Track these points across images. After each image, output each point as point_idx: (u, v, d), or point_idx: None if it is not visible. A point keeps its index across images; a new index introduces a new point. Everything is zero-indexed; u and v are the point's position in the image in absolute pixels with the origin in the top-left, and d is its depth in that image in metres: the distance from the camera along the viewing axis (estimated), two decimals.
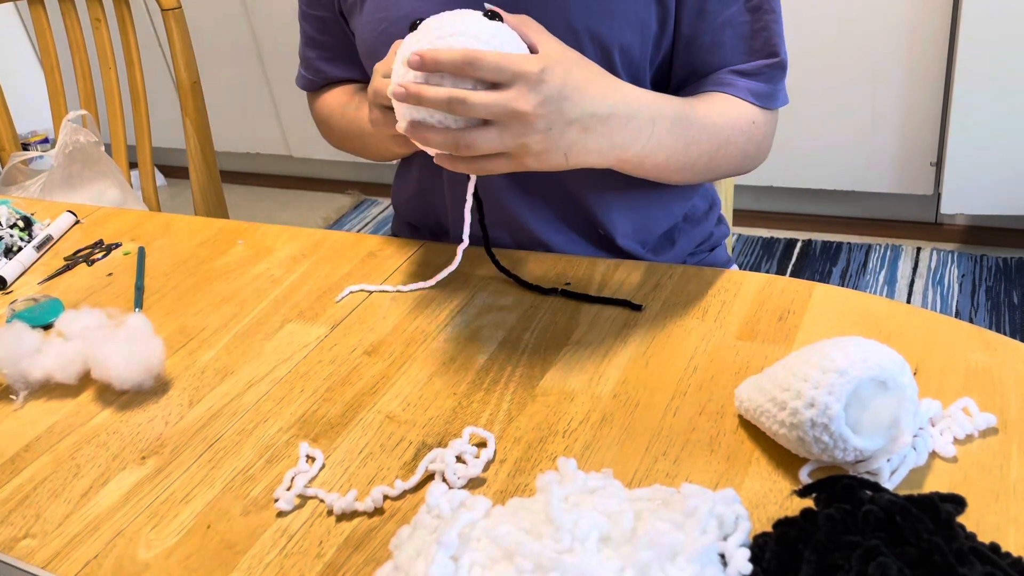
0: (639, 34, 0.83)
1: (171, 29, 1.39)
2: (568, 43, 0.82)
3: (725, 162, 0.86)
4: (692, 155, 0.81)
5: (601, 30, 0.82)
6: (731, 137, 0.84)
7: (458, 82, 0.65)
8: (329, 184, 2.90)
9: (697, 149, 0.81)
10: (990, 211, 2.06)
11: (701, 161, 0.83)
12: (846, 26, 2.00)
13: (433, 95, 0.65)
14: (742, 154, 0.86)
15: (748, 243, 2.30)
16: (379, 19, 0.87)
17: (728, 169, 0.88)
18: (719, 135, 0.83)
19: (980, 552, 0.47)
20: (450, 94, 0.64)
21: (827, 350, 0.57)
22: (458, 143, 0.66)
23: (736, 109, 0.85)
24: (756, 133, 0.86)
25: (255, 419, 0.72)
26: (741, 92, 0.85)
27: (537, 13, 0.81)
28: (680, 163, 0.81)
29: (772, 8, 0.85)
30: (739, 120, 0.84)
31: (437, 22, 0.68)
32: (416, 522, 0.54)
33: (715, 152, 0.83)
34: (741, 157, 0.87)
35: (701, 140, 0.81)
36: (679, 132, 0.78)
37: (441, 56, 0.65)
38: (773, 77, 0.86)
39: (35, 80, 1.79)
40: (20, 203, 1.15)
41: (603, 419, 0.66)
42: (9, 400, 0.78)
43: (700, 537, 0.48)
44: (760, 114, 0.87)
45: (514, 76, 0.65)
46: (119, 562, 0.60)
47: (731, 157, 0.85)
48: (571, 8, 0.81)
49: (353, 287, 0.87)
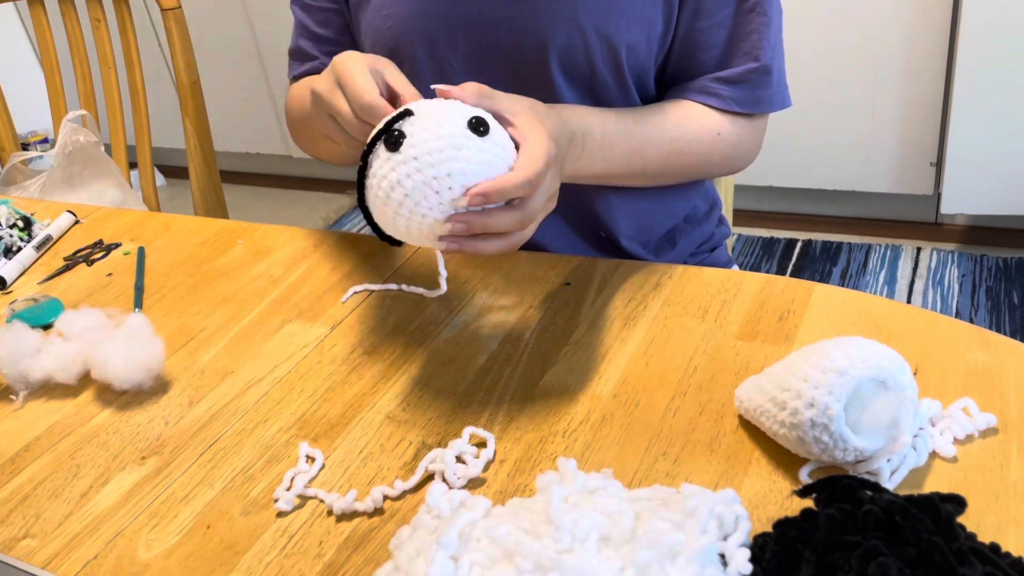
0: (646, 33, 0.83)
1: (171, 29, 1.39)
2: (575, 41, 0.82)
3: (683, 170, 0.88)
4: (634, 167, 0.85)
5: (609, 29, 0.82)
6: (684, 148, 0.86)
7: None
8: (329, 184, 2.90)
9: (641, 162, 0.84)
10: (990, 211, 2.06)
11: (649, 170, 0.86)
12: (846, 26, 2.00)
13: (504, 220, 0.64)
14: (704, 162, 0.88)
15: (748, 243, 2.30)
16: (385, 15, 0.87)
17: (693, 175, 0.91)
18: (670, 147, 0.85)
19: (980, 552, 0.47)
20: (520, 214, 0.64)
21: (827, 350, 0.57)
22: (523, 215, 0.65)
23: (699, 123, 0.86)
24: (722, 144, 0.87)
25: (255, 419, 0.72)
26: (724, 101, 0.86)
27: (545, 12, 0.81)
28: (619, 174, 0.85)
29: (765, 11, 0.84)
30: (700, 132, 0.86)
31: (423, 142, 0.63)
32: (416, 522, 0.54)
33: (665, 162, 0.86)
34: (704, 164, 0.89)
35: (648, 154, 0.84)
36: (619, 151, 0.83)
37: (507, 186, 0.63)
38: (758, 83, 0.86)
39: (35, 80, 1.79)
40: (20, 203, 1.15)
41: (603, 419, 0.66)
42: (9, 400, 0.78)
43: (700, 537, 0.48)
44: (730, 125, 0.87)
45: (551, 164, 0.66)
46: (119, 562, 0.60)
47: (688, 166, 0.88)
48: (579, 7, 0.81)
49: (357, 287, 0.86)
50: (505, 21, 0.83)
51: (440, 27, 0.85)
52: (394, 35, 0.87)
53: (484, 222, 0.63)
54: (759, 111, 0.87)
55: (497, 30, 0.84)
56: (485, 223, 0.63)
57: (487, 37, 0.84)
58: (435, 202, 0.62)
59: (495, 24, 0.84)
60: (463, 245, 0.64)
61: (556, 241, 0.92)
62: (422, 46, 0.86)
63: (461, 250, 0.65)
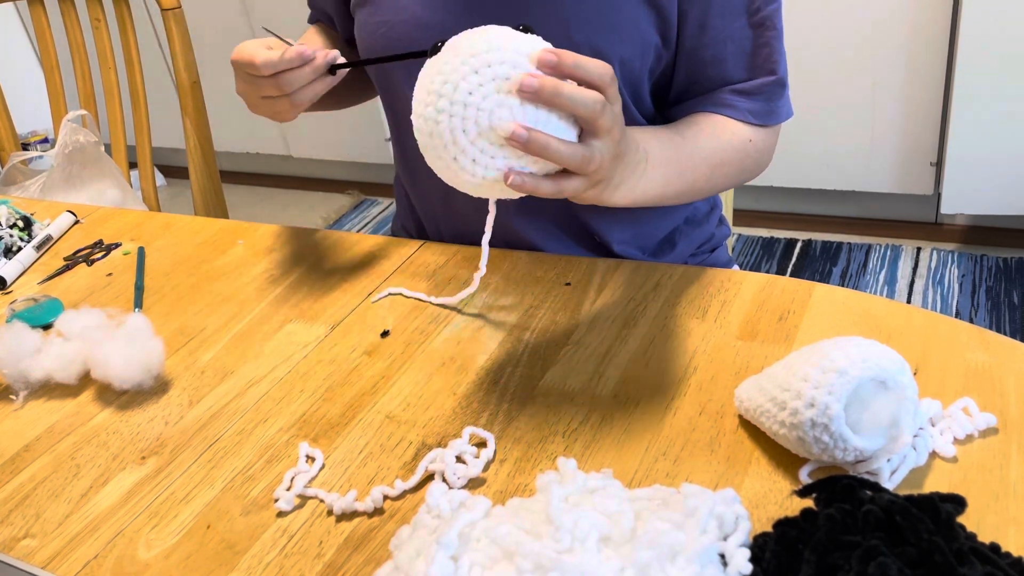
0: (639, 48, 0.83)
1: (171, 29, 1.39)
2: None
3: (723, 181, 0.87)
4: (687, 183, 0.82)
5: (601, 44, 0.82)
6: (725, 158, 0.86)
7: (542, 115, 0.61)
8: (329, 184, 2.90)
9: (692, 176, 0.83)
10: (990, 211, 2.06)
11: (698, 185, 0.84)
12: (846, 26, 2.00)
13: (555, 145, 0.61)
14: (739, 170, 0.88)
15: (748, 243, 2.30)
16: (379, 22, 0.87)
17: (727, 185, 0.90)
18: (713, 159, 0.84)
19: (980, 552, 0.47)
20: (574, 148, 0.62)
21: (827, 350, 0.57)
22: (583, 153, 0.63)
23: (731, 130, 0.86)
24: (752, 151, 0.88)
25: (255, 419, 0.72)
26: (740, 113, 0.86)
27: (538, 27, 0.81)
28: (676, 192, 0.82)
29: (774, 25, 0.85)
30: (734, 140, 0.86)
31: (467, 40, 0.62)
32: (416, 522, 0.54)
33: (711, 175, 0.85)
34: (739, 172, 0.88)
35: (698, 167, 0.83)
36: (671, 154, 0.80)
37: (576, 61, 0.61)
38: (772, 95, 0.87)
39: (35, 80, 1.79)
40: (20, 203, 1.15)
41: (603, 419, 0.66)
42: (9, 400, 0.78)
43: (700, 537, 0.48)
44: (757, 132, 0.87)
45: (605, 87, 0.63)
46: (119, 562, 0.60)
47: (728, 176, 0.87)
48: (572, 22, 0.81)
49: (392, 289, 0.85)
50: None
51: (431, 38, 0.85)
52: (386, 41, 0.87)
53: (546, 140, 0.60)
54: (773, 123, 0.88)
55: None
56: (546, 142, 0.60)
57: None
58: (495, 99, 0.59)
59: None
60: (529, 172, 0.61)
61: (551, 246, 0.92)
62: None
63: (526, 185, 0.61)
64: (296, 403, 0.73)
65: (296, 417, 0.71)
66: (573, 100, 0.61)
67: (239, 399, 0.74)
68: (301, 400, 0.73)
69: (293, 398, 0.73)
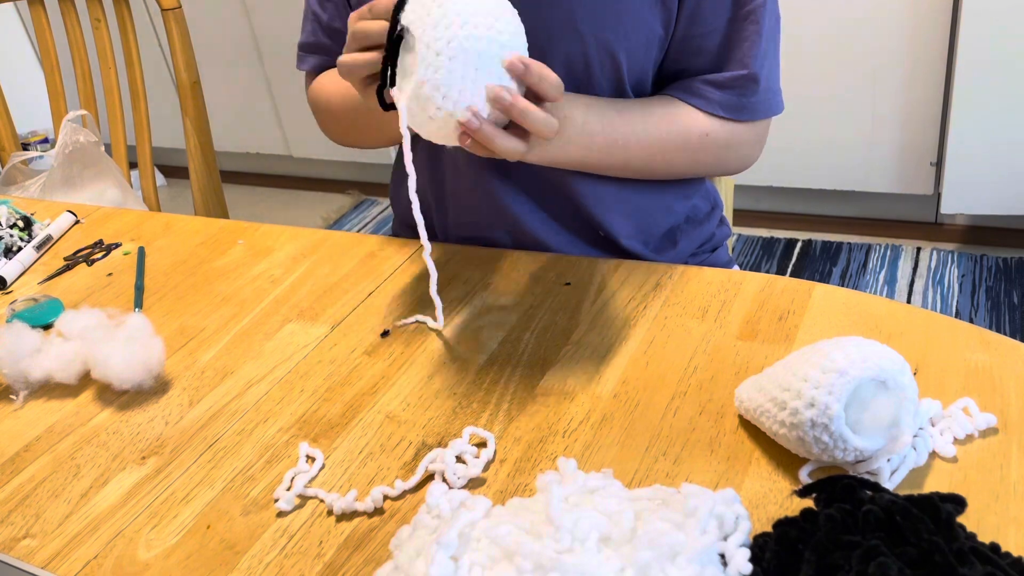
0: (644, 39, 0.84)
1: (171, 29, 1.39)
2: (575, 48, 0.83)
3: (669, 167, 0.89)
4: (617, 160, 0.86)
5: (608, 36, 0.82)
6: (668, 146, 0.87)
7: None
8: (329, 184, 2.90)
9: (623, 155, 0.86)
10: (990, 211, 2.06)
11: (633, 164, 0.87)
12: (846, 26, 2.00)
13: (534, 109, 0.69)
14: (692, 161, 0.89)
15: (748, 243, 2.30)
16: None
17: (681, 173, 0.91)
18: (653, 144, 0.86)
19: (980, 552, 0.47)
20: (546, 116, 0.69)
21: (827, 350, 0.57)
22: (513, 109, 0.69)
23: (684, 122, 0.87)
24: (711, 144, 0.88)
25: (255, 419, 0.72)
26: (711, 104, 0.86)
27: (545, 19, 0.81)
28: (599, 165, 0.86)
29: (758, 20, 0.84)
30: (686, 132, 0.87)
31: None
32: (416, 522, 0.54)
33: (649, 158, 0.87)
34: (692, 163, 0.89)
35: (630, 148, 0.86)
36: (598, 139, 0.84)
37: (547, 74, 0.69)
38: (745, 90, 0.86)
39: (35, 80, 1.79)
40: (20, 203, 1.15)
41: (603, 419, 0.66)
42: (9, 400, 0.78)
43: (700, 537, 0.48)
44: (722, 125, 0.87)
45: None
46: (119, 562, 0.60)
47: (676, 163, 0.89)
48: (578, 14, 0.81)
49: (419, 317, 0.81)
50: None
51: None
52: None
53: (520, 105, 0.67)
54: (744, 118, 0.88)
55: None
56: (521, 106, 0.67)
57: None
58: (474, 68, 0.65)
59: None
60: (483, 127, 0.67)
61: (555, 239, 0.92)
62: None
63: (480, 131, 0.67)
64: (296, 403, 0.73)
65: (296, 417, 0.71)
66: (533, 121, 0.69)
67: (239, 399, 0.74)
68: (301, 400, 0.73)
69: (293, 398, 0.73)
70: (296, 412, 0.72)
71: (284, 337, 0.82)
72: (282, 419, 0.71)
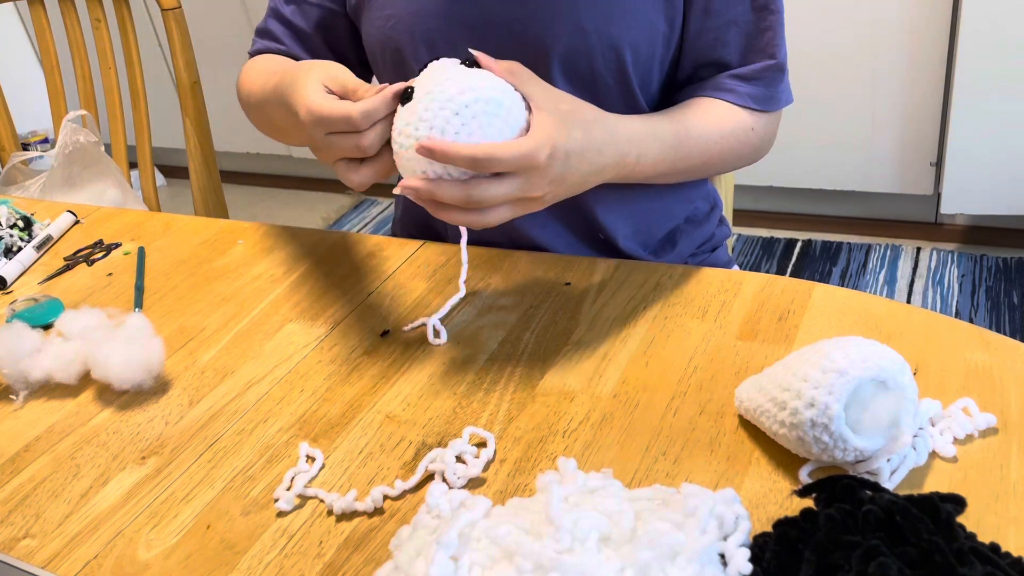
0: (648, 33, 0.84)
1: (171, 29, 1.39)
2: (578, 43, 0.82)
3: (720, 165, 0.88)
4: (681, 168, 0.84)
5: (611, 31, 0.82)
6: (725, 145, 0.86)
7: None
8: (329, 184, 2.90)
9: (687, 163, 0.84)
10: (990, 211, 2.06)
11: (692, 168, 0.86)
12: (846, 26, 2.00)
13: (451, 194, 0.66)
14: (737, 156, 0.89)
15: (748, 243, 2.30)
16: (387, 16, 0.88)
17: (723, 169, 0.91)
18: (714, 146, 0.85)
19: (980, 552, 0.47)
20: (468, 193, 0.66)
21: (827, 350, 0.57)
22: (470, 196, 0.66)
23: (733, 118, 0.86)
24: (753, 137, 0.88)
25: (255, 419, 0.72)
26: (741, 98, 0.86)
27: (548, 14, 0.81)
28: (669, 172, 0.84)
29: (777, 9, 0.85)
30: (735, 128, 0.86)
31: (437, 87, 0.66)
32: (416, 522, 0.54)
33: (707, 159, 0.86)
34: (736, 158, 0.89)
35: (693, 155, 0.84)
36: (670, 153, 0.82)
37: (451, 152, 0.64)
38: (772, 80, 0.87)
39: (35, 80, 1.79)
40: (20, 203, 1.15)
41: (603, 419, 0.66)
42: (9, 400, 0.78)
43: (700, 537, 0.48)
44: (758, 118, 0.87)
45: (524, 168, 0.67)
46: (119, 562, 0.60)
47: (725, 161, 0.88)
48: (582, 9, 0.81)
49: (426, 319, 0.80)
50: (506, 23, 0.83)
51: (440, 27, 0.85)
52: (395, 34, 0.87)
53: (431, 188, 0.66)
54: (773, 108, 0.88)
55: (498, 32, 0.84)
56: (432, 189, 0.65)
57: (488, 39, 0.84)
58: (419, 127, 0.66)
59: (496, 26, 0.84)
60: (420, 194, 0.66)
61: (554, 242, 0.92)
62: (423, 45, 0.86)
63: (419, 198, 0.67)
64: (296, 403, 0.73)
65: (296, 417, 0.71)
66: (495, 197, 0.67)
67: (239, 399, 0.74)
68: (301, 400, 0.73)
69: (293, 398, 0.73)
70: (296, 412, 0.72)
71: (284, 337, 0.82)
72: (282, 419, 0.71)
